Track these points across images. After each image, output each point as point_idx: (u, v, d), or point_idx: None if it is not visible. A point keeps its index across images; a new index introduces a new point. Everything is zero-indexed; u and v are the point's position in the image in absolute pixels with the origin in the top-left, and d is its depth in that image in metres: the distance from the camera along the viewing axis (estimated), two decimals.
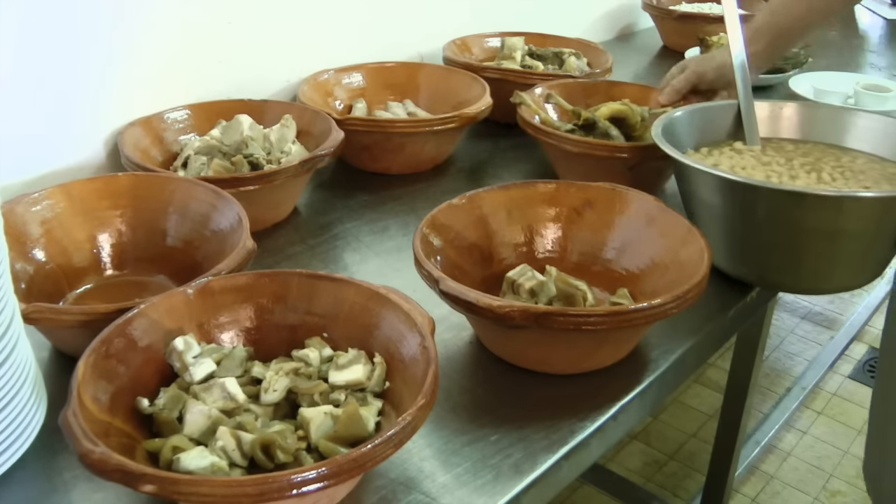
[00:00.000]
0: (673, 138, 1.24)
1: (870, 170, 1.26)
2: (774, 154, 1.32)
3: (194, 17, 1.43)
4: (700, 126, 1.35)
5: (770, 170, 1.26)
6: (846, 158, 1.31)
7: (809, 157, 1.31)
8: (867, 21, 2.79)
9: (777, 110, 1.39)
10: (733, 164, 1.28)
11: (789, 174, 1.25)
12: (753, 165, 1.27)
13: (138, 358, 0.85)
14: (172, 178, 1.19)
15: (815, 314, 3.16)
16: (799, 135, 1.38)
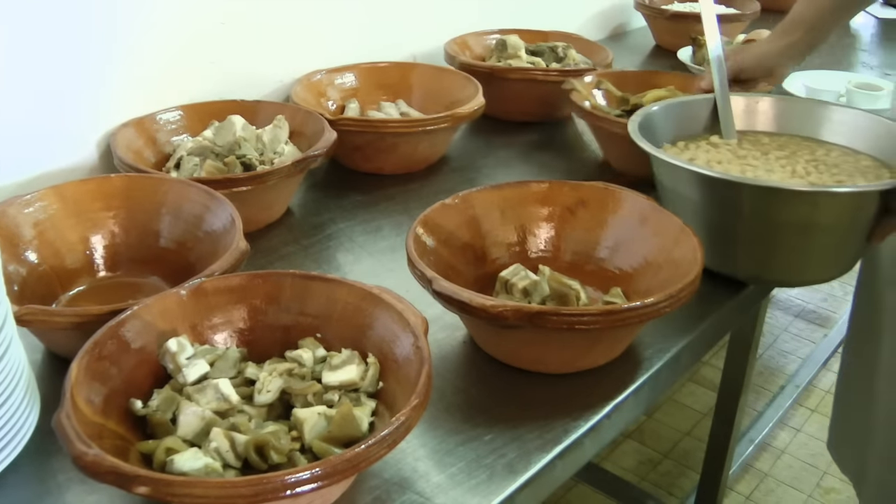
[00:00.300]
0: (650, 133, 1.25)
1: (843, 163, 1.28)
2: (750, 147, 1.34)
3: (187, 18, 1.43)
4: (677, 120, 1.37)
5: (746, 163, 1.27)
6: (821, 151, 1.32)
7: (785, 151, 1.32)
8: (859, 20, 2.79)
9: (753, 104, 1.41)
10: (709, 157, 1.29)
11: (765, 168, 1.26)
12: (729, 159, 1.29)
13: (131, 360, 0.85)
14: (165, 180, 1.19)
15: (808, 312, 3.17)
16: (775, 128, 1.39)
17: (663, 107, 1.36)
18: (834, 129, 1.35)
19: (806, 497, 2.37)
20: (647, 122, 1.29)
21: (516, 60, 1.77)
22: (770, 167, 1.26)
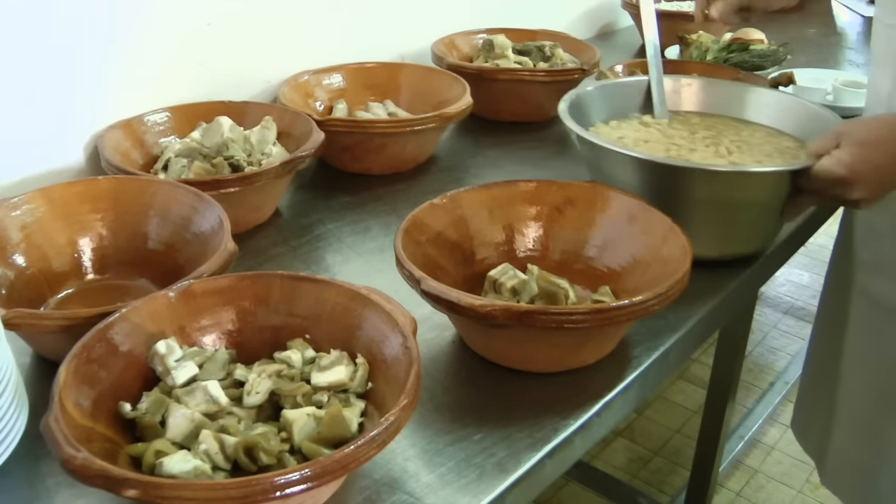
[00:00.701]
0: (584, 112, 1.31)
1: (766, 143, 1.31)
2: (680, 127, 1.37)
3: (174, 20, 1.43)
4: (611, 100, 1.41)
5: (672, 143, 1.31)
6: (746, 132, 1.36)
7: (712, 131, 1.36)
8: (846, 19, 2.80)
9: (686, 86, 1.45)
10: (638, 136, 1.33)
11: (689, 147, 1.30)
12: (657, 138, 1.33)
13: (120, 362, 0.85)
14: (153, 181, 1.19)
15: (797, 309, 3.18)
16: (706, 109, 1.44)
17: (598, 87, 1.41)
18: (761, 110, 1.40)
19: (795, 493, 2.38)
20: (581, 102, 1.34)
21: (504, 60, 1.78)
22: (694, 146, 1.30)
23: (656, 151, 1.29)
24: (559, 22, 2.20)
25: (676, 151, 1.28)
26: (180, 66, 1.47)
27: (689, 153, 1.28)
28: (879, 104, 1.32)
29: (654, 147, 1.30)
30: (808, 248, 3.51)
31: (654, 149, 1.29)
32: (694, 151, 1.29)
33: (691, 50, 2.03)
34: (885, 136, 1.11)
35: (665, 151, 1.29)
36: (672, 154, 1.28)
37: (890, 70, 1.29)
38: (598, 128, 1.37)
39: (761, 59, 1.97)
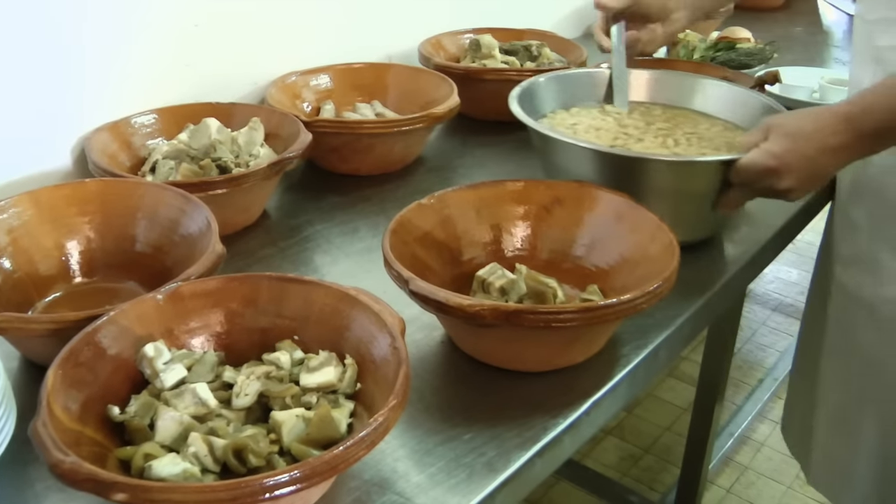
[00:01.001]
0: (538, 100, 1.37)
1: (720, 137, 1.34)
2: (639, 118, 1.40)
3: (160, 21, 1.43)
4: (576, 88, 1.46)
5: (623, 132, 1.34)
6: (704, 125, 1.38)
7: (669, 123, 1.38)
8: (832, 17, 2.81)
9: (660, 78, 1.49)
10: (592, 124, 1.37)
11: (638, 137, 1.33)
12: (610, 127, 1.36)
13: (108, 366, 0.85)
14: (141, 184, 1.19)
15: (786, 305, 3.18)
16: (669, 101, 1.46)
17: (551, 78, 1.45)
18: (721, 105, 1.41)
19: (785, 489, 2.38)
20: (536, 90, 1.39)
21: (490, 60, 1.78)
22: (644, 137, 1.33)
23: (605, 140, 1.31)
24: (546, 21, 2.20)
25: (624, 141, 1.31)
26: (167, 67, 1.47)
27: (636, 143, 1.30)
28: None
29: (604, 135, 1.32)
30: (797, 245, 3.52)
31: (603, 137, 1.32)
32: (641, 141, 1.31)
33: (678, 49, 2.03)
34: (812, 127, 1.12)
35: (612, 140, 1.31)
36: (618, 143, 1.30)
37: (870, 66, 1.30)
38: (557, 114, 1.40)
39: (748, 57, 1.97)
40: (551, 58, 1.83)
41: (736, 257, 1.28)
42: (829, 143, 1.11)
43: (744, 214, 1.40)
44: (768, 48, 2.02)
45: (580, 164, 1.21)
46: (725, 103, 1.41)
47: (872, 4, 1.30)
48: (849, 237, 1.39)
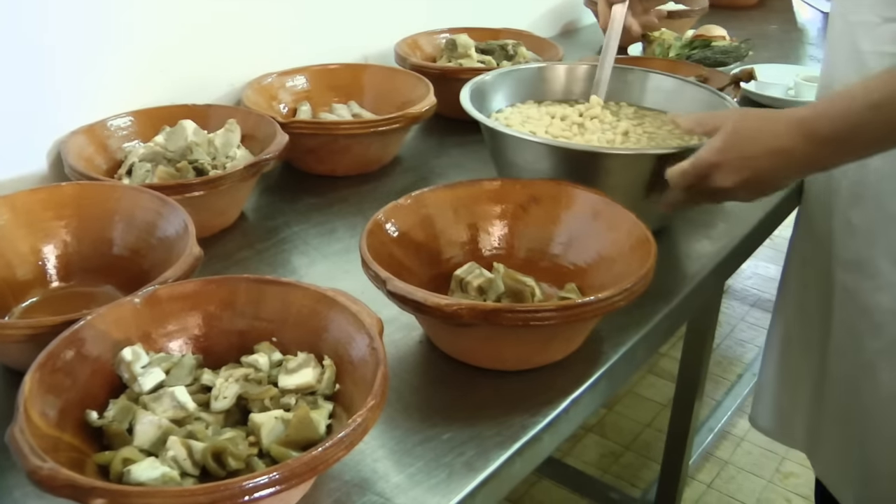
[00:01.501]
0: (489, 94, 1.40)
1: (678, 139, 1.33)
2: (607, 115, 1.41)
3: (136, 23, 1.42)
4: (554, 83, 1.49)
5: (582, 127, 1.36)
6: (669, 127, 1.37)
7: (634, 121, 1.40)
8: (806, 15, 2.83)
9: (644, 77, 1.49)
10: (557, 112, 1.41)
11: (591, 131, 1.35)
12: (571, 119, 1.39)
13: (86, 370, 0.85)
14: (117, 187, 1.18)
15: (764, 301, 3.20)
16: (659, 105, 1.46)
17: (500, 74, 1.46)
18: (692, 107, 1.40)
19: (766, 482, 2.40)
20: (492, 83, 1.43)
21: (467, 60, 1.78)
22: (594, 130, 1.35)
23: (562, 131, 1.34)
24: (522, 20, 2.21)
25: (569, 134, 1.33)
26: (143, 69, 1.46)
27: (579, 136, 1.33)
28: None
29: (557, 128, 1.35)
30: (774, 240, 3.53)
31: (552, 131, 1.34)
32: (590, 135, 1.33)
33: (654, 47, 2.04)
34: (760, 126, 1.09)
35: (559, 132, 1.33)
36: (565, 135, 1.33)
37: (852, 68, 1.29)
38: (529, 105, 1.44)
39: (723, 55, 1.98)
40: (527, 57, 1.84)
41: (713, 253, 1.28)
42: (774, 145, 1.07)
43: (720, 210, 1.41)
44: (743, 46, 2.03)
45: (517, 155, 1.23)
46: (694, 104, 1.41)
47: (853, 5, 1.29)
48: (849, 241, 1.37)
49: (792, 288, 1.60)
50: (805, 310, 1.54)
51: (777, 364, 1.65)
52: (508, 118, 1.39)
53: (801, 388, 1.57)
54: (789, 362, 1.61)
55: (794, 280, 1.58)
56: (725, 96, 1.36)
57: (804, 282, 1.54)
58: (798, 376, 1.58)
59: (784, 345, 1.62)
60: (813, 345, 1.51)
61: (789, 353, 1.61)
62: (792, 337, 1.60)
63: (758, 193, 1.14)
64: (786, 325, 1.62)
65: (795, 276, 1.58)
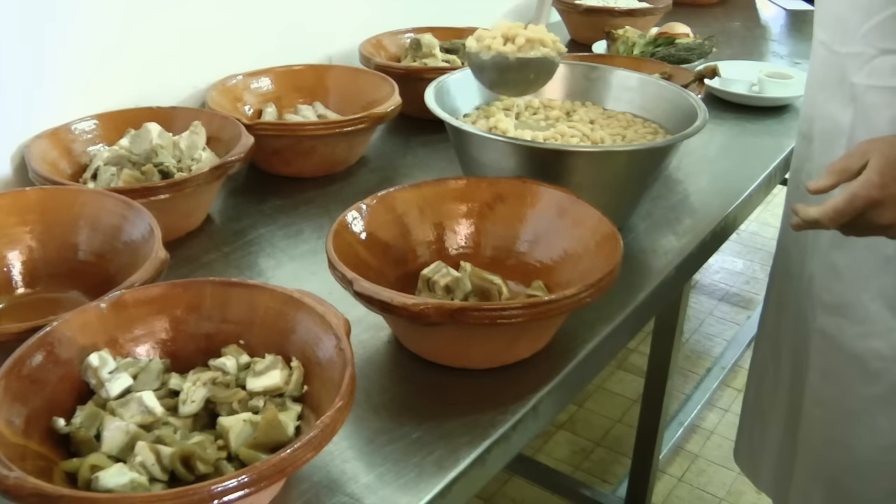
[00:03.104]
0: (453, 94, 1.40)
1: (639, 138, 1.34)
2: (580, 117, 1.42)
3: (98, 26, 1.41)
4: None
5: (538, 124, 1.39)
6: (641, 130, 1.37)
7: (608, 120, 1.41)
8: (769, 12, 2.86)
9: (608, 75, 1.49)
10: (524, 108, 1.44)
11: (546, 126, 1.38)
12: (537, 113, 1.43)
13: (53, 377, 0.84)
14: (82, 191, 1.18)
15: (731, 295, 3.22)
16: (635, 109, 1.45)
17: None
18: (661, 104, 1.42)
19: (736, 474, 2.41)
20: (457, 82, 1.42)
21: (431, 59, 1.78)
22: (548, 126, 1.38)
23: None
24: (487, 19, 2.21)
25: (531, 134, 1.33)
26: (107, 72, 1.45)
27: (519, 131, 1.33)
28: (833, 131, 1.29)
29: (519, 129, 1.35)
30: (741, 235, 3.58)
31: (519, 129, 1.35)
32: (539, 131, 1.35)
33: (618, 44, 2.05)
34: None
35: (522, 132, 1.33)
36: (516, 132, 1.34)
37: (846, 103, 1.24)
38: (502, 101, 1.45)
39: (687, 52, 1.99)
40: None
41: (679, 249, 1.29)
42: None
43: (685, 206, 1.42)
44: (707, 43, 2.04)
45: (482, 153, 1.25)
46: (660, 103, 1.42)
47: (843, 36, 1.24)
48: (832, 284, 1.32)
49: (767, 327, 1.58)
50: (778, 351, 1.51)
51: (752, 399, 1.64)
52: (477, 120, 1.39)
53: (771, 430, 1.55)
54: (760, 399, 1.60)
55: (770, 320, 1.56)
56: (689, 93, 1.37)
57: (779, 323, 1.51)
58: (768, 416, 1.55)
59: (758, 381, 1.61)
60: (784, 386, 1.49)
61: (761, 391, 1.59)
62: (764, 376, 1.58)
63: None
64: (761, 363, 1.60)
65: (771, 316, 1.56)
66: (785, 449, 1.49)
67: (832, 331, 1.33)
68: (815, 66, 1.33)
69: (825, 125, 1.30)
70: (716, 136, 1.74)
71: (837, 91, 1.26)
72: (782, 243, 1.49)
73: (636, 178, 1.26)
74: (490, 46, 1.30)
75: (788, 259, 1.45)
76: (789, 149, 1.68)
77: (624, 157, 1.21)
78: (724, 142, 1.73)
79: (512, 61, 1.30)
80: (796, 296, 1.41)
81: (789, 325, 1.45)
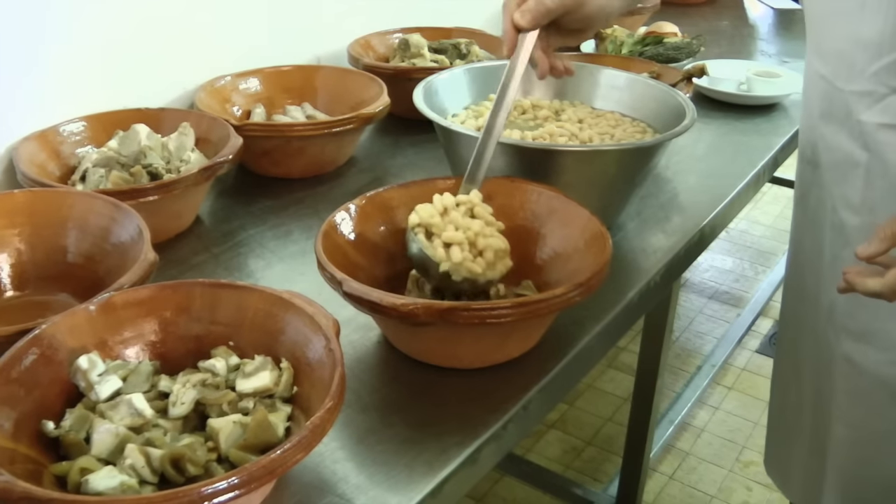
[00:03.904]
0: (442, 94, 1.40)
1: (628, 138, 1.33)
2: (568, 116, 1.41)
3: (86, 28, 1.41)
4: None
5: (527, 124, 1.40)
6: (630, 130, 1.37)
7: (597, 120, 1.41)
8: (757, 11, 2.87)
9: (597, 74, 1.48)
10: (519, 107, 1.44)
11: (534, 126, 1.37)
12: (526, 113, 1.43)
13: (42, 380, 0.84)
14: (70, 193, 1.17)
15: (721, 293, 3.23)
16: (626, 109, 1.45)
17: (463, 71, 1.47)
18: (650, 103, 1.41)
19: (727, 472, 2.42)
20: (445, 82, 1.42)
21: (420, 59, 1.78)
22: (536, 125, 1.38)
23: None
24: (475, 19, 2.21)
25: (509, 129, 1.33)
26: (95, 74, 1.45)
27: (509, 131, 1.33)
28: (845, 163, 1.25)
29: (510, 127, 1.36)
30: (730, 233, 3.59)
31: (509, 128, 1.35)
32: (526, 131, 1.34)
33: (606, 44, 2.05)
34: None
35: (511, 130, 1.33)
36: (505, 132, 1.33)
37: (849, 137, 1.21)
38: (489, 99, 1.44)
39: (675, 51, 2.00)
40: (480, 55, 1.84)
41: (668, 247, 1.30)
42: None
43: (674, 205, 1.42)
44: (695, 42, 2.05)
45: (471, 153, 1.19)
46: (649, 103, 1.41)
47: (848, 73, 1.19)
48: (857, 312, 1.29)
49: (785, 345, 1.54)
50: (799, 372, 1.48)
51: (777, 413, 1.61)
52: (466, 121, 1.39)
53: (798, 446, 1.52)
54: (785, 415, 1.56)
55: (787, 339, 1.52)
56: (678, 92, 1.37)
57: (797, 344, 1.47)
58: (793, 433, 1.53)
59: (781, 397, 1.57)
60: (808, 405, 1.46)
61: (786, 407, 1.55)
62: (787, 392, 1.54)
63: None
64: (782, 379, 1.57)
65: (788, 335, 1.51)
66: (813, 466, 1.47)
67: (858, 357, 1.31)
68: (815, 96, 1.28)
69: (835, 156, 1.26)
70: (704, 134, 1.74)
71: (844, 124, 1.22)
72: (795, 265, 1.45)
73: (625, 177, 1.26)
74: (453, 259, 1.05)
75: (802, 282, 1.41)
76: (778, 147, 1.69)
77: (612, 157, 1.21)
78: (712, 140, 1.73)
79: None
80: (814, 320, 1.38)
81: (808, 348, 1.42)
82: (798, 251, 1.43)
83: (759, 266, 3.42)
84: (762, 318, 3.09)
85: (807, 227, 1.37)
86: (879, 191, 1.20)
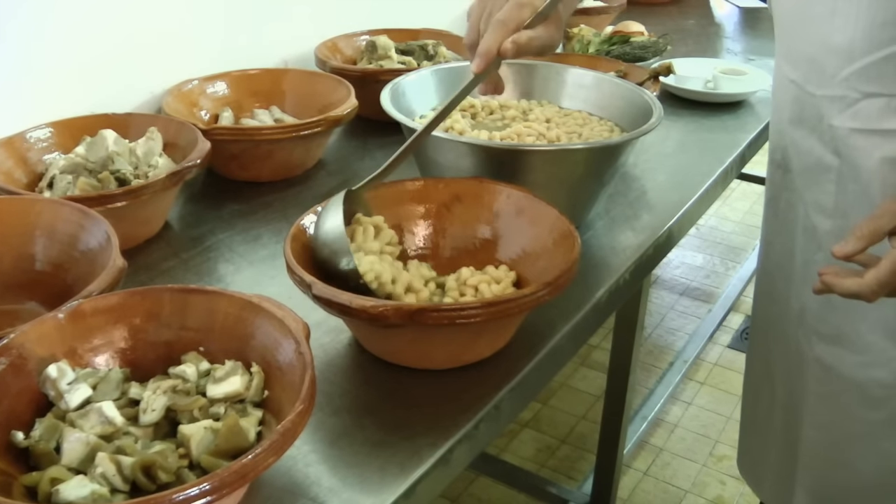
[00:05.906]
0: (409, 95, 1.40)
1: (595, 136, 1.34)
2: (535, 116, 1.42)
3: (51, 32, 1.40)
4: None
5: (495, 124, 1.40)
6: (597, 128, 1.38)
7: (564, 119, 1.41)
8: (722, 10, 2.89)
9: (563, 73, 1.49)
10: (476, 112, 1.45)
11: (499, 126, 1.39)
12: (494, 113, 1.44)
13: (11, 390, 0.83)
14: (37, 200, 1.17)
15: (692, 289, 3.25)
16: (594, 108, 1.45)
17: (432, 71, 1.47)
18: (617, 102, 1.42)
19: (700, 466, 2.44)
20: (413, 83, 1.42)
21: (387, 61, 1.79)
22: (504, 126, 1.38)
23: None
24: (442, 20, 2.21)
25: (487, 133, 1.34)
26: (61, 79, 1.44)
27: (475, 131, 1.34)
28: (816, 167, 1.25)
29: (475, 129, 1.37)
30: (700, 229, 3.61)
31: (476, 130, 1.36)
32: (492, 131, 1.35)
33: (573, 43, 2.06)
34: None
35: (479, 131, 1.34)
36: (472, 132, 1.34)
37: (821, 141, 1.22)
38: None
39: (642, 50, 2.01)
40: (448, 56, 1.85)
41: (637, 245, 1.30)
42: None
43: (643, 202, 1.43)
44: (662, 41, 2.06)
45: (439, 154, 1.24)
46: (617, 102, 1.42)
47: (819, 78, 1.20)
48: (827, 315, 1.30)
49: (756, 346, 1.55)
50: (770, 374, 1.48)
51: (749, 414, 1.62)
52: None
53: (770, 447, 1.53)
54: (757, 416, 1.58)
55: (759, 341, 1.53)
56: (645, 91, 1.38)
57: (768, 346, 1.48)
58: (766, 434, 1.54)
59: (754, 398, 1.58)
60: (779, 407, 1.47)
61: (758, 408, 1.57)
62: (759, 394, 1.55)
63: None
64: (754, 381, 1.57)
65: (759, 337, 1.52)
66: (785, 467, 1.48)
67: (830, 360, 1.31)
68: (784, 101, 1.29)
69: (806, 161, 1.27)
70: (672, 132, 1.76)
71: (815, 129, 1.23)
72: (765, 268, 1.46)
73: (593, 175, 1.26)
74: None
75: (773, 285, 1.42)
76: (745, 143, 1.70)
77: (580, 155, 1.22)
78: (680, 138, 1.74)
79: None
80: (785, 323, 1.39)
81: (780, 350, 1.43)
82: (769, 254, 1.44)
83: (729, 262, 3.44)
84: (733, 313, 3.12)
85: (777, 231, 1.38)
86: (852, 195, 1.21)
